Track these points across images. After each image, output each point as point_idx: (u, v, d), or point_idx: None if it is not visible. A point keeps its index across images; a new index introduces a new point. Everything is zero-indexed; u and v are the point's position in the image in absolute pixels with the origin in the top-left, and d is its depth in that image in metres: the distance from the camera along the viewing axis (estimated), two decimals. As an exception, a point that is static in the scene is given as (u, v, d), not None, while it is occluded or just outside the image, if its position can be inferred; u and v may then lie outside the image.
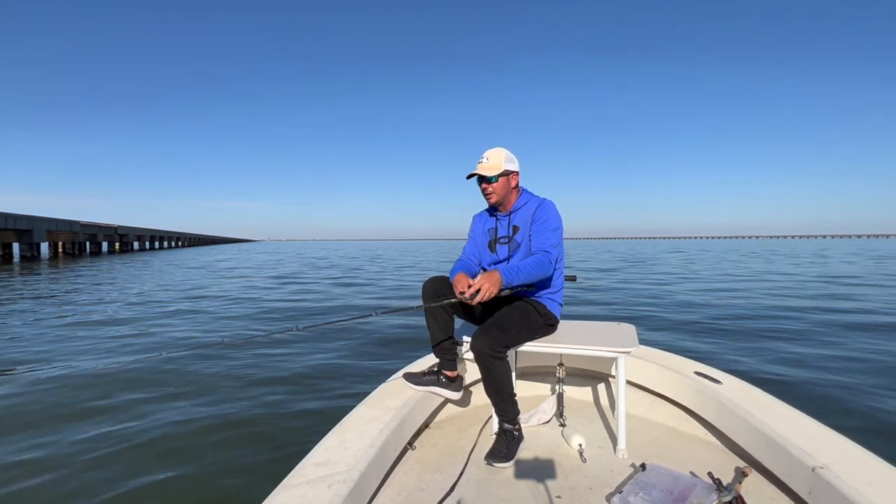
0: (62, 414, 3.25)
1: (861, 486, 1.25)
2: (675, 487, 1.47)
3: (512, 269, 1.83)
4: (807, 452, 1.44)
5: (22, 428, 3.03)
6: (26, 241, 27.50)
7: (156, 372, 4.20)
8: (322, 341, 5.52)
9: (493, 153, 2.04)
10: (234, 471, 2.49)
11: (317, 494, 1.25)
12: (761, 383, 2.03)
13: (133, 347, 5.33)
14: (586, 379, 2.47)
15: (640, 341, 2.05)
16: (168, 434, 2.93)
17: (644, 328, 5.92)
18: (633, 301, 8.79)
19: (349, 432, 1.62)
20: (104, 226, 38.34)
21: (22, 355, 4.90)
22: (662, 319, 6.82)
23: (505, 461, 1.76)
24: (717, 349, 4.99)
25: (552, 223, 1.99)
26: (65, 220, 31.52)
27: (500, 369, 1.81)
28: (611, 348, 1.87)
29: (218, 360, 4.64)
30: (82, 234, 34.77)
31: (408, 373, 2.12)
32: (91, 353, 4.97)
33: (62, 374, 4.21)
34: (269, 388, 3.83)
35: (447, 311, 2.02)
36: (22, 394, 3.68)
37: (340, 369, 4.38)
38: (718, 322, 6.51)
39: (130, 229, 43.64)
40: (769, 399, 1.84)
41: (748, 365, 4.32)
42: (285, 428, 3.03)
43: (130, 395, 3.62)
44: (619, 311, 7.62)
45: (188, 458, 2.62)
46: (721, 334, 5.73)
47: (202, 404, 3.44)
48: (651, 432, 2.06)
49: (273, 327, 6.58)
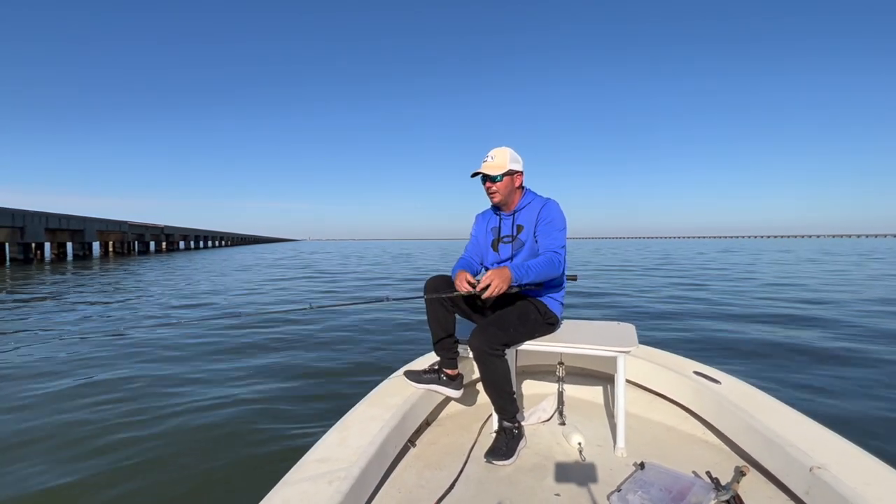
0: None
1: (858, 486, 1.26)
2: (674, 486, 1.48)
3: (522, 267, 1.84)
4: (804, 452, 1.44)
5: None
6: (78, 240, 29.38)
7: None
8: (325, 339, 5.56)
9: (498, 152, 2.05)
10: (233, 467, 2.51)
11: (317, 491, 1.26)
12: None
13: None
14: (586, 378, 2.47)
15: (640, 341, 2.06)
16: (170, 429, 2.96)
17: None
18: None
19: (350, 429, 1.63)
20: (151, 226, 39.49)
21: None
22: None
23: (505, 459, 1.77)
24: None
25: (558, 223, 2.00)
26: (114, 221, 33.16)
27: (498, 367, 1.82)
28: (611, 348, 1.87)
29: (222, 349, 4.68)
30: (131, 233, 36.28)
31: (408, 371, 2.13)
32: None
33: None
34: (270, 385, 3.85)
35: (448, 309, 2.03)
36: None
37: (341, 367, 4.40)
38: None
39: (176, 229, 44.75)
40: (768, 399, 1.85)
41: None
42: (287, 424, 3.05)
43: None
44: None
45: (188, 453, 2.64)
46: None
47: (201, 400, 3.47)
48: (650, 431, 2.06)
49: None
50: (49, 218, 26.45)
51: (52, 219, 26.76)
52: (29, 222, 24.84)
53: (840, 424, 1.98)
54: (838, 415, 3.10)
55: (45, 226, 26.22)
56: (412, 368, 2.15)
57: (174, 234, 44.30)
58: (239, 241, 76.85)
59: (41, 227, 25.90)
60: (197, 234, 51.35)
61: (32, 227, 25.14)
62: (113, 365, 4.39)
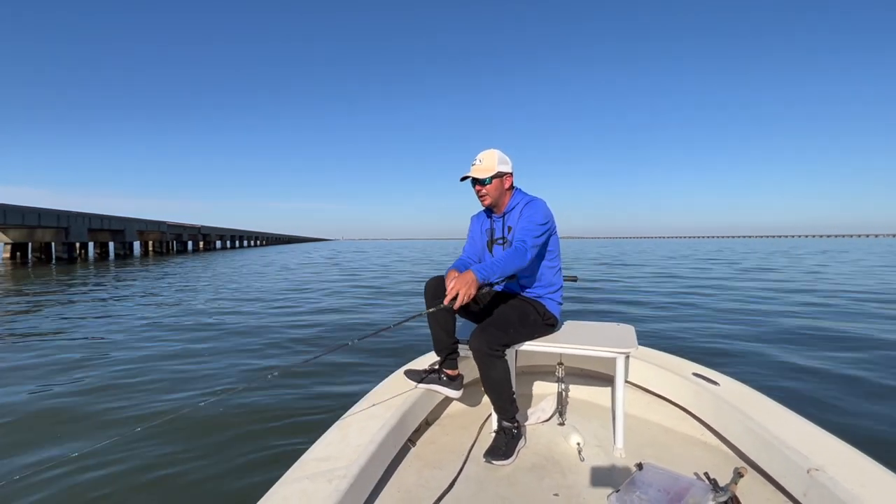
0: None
1: (855, 489, 1.26)
2: (672, 487, 1.48)
3: (486, 266, 1.79)
4: (802, 454, 1.45)
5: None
6: (119, 240, 30.79)
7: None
8: (328, 336, 5.57)
9: (486, 155, 2.04)
10: (234, 465, 2.52)
11: (317, 489, 1.27)
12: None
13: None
14: (585, 378, 2.48)
15: (640, 342, 2.07)
16: (172, 425, 2.97)
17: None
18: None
19: (350, 428, 1.64)
20: (188, 226, 40.53)
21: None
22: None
23: (504, 459, 1.78)
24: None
25: (537, 218, 1.98)
26: (153, 221, 34.44)
27: (498, 367, 1.83)
28: (610, 349, 1.88)
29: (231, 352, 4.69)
30: (169, 233, 37.48)
31: (409, 370, 2.14)
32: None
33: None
34: (271, 383, 3.86)
35: (448, 309, 2.04)
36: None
37: (342, 366, 4.41)
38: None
39: (212, 229, 45.96)
40: (766, 401, 1.85)
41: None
42: (287, 423, 3.06)
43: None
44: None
45: (190, 451, 2.65)
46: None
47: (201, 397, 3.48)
48: (649, 432, 2.07)
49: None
50: (91, 218, 27.69)
51: (95, 219, 28.04)
52: (73, 223, 26.05)
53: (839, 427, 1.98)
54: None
55: (87, 226, 27.44)
56: (412, 368, 2.16)
57: (211, 233, 45.56)
58: (274, 241, 78.21)
59: (84, 228, 27.11)
60: (233, 233, 52.60)
61: (76, 228, 26.34)
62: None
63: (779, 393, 2.46)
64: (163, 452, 2.64)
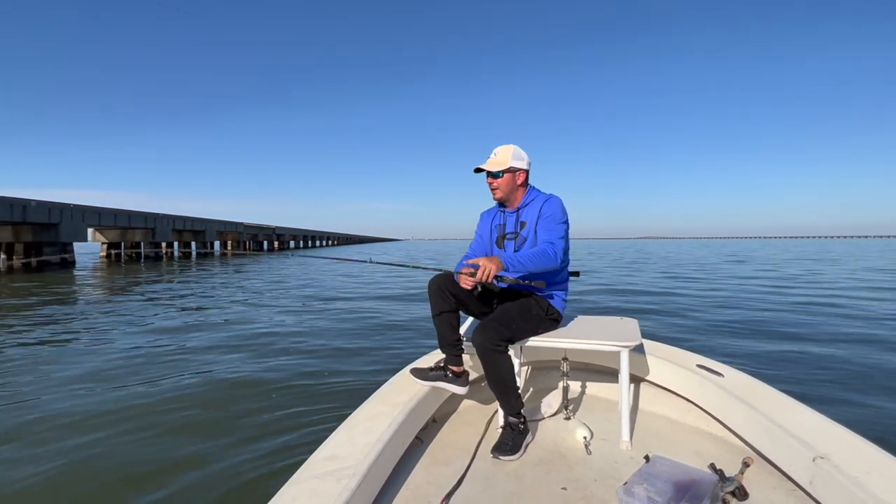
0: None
1: (861, 476, 1.27)
2: (679, 478, 1.49)
3: (514, 257, 1.88)
4: (808, 442, 1.46)
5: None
6: (201, 240, 32.87)
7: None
8: (329, 337, 5.59)
9: (502, 150, 2.09)
10: (244, 464, 2.53)
11: (326, 488, 1.28)
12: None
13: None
14: (590, 373, 2.49)
15: (643, 335, 2.08)
16: (175, 423, 3.00)
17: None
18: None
19: (357, 427, 1.64)
20: (264, 226, 42.13)
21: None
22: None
23: (511, 454, 1.79)
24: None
25: (557, 217, 2.03)
26: (231, 222, 36.26)
27: (501, 363, 1.84)
28: (614, 342, 1.89)
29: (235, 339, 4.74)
30: (245, 233, 39.26)
31: (414, 368, 2.15)
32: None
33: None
34: (275, 383, 3.88)
35: (453, 306, 2.05)
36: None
37: (345, 365, 4.43)
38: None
39: (286, 230, 47.59)
40: (771, 390, 1.86)
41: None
42: (294, 423, 3.08)
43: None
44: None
45: (197, 451, 2.66)
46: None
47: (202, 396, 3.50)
48: (654, 424, 2.08)
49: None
50: (175, 220, 29.53)
51: (178, 220, 29.86)
52: (159, 223, 27.93)
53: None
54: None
55: (172, 227, 29.29)
56: (418, 366, 2.17)
57: (285, 234, 47.29)
58: (345, 241, 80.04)
59: (169, 228, 29.01)
60: (305, 234, 54.04)
61: (162, 228, 28.21)
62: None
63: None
64: (161, 453, 2.66)
